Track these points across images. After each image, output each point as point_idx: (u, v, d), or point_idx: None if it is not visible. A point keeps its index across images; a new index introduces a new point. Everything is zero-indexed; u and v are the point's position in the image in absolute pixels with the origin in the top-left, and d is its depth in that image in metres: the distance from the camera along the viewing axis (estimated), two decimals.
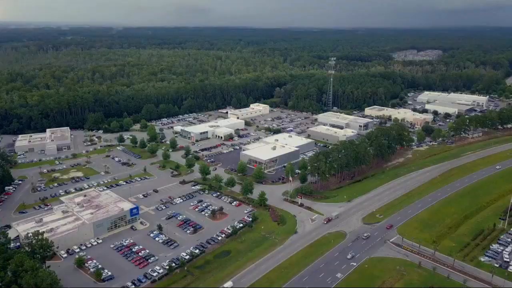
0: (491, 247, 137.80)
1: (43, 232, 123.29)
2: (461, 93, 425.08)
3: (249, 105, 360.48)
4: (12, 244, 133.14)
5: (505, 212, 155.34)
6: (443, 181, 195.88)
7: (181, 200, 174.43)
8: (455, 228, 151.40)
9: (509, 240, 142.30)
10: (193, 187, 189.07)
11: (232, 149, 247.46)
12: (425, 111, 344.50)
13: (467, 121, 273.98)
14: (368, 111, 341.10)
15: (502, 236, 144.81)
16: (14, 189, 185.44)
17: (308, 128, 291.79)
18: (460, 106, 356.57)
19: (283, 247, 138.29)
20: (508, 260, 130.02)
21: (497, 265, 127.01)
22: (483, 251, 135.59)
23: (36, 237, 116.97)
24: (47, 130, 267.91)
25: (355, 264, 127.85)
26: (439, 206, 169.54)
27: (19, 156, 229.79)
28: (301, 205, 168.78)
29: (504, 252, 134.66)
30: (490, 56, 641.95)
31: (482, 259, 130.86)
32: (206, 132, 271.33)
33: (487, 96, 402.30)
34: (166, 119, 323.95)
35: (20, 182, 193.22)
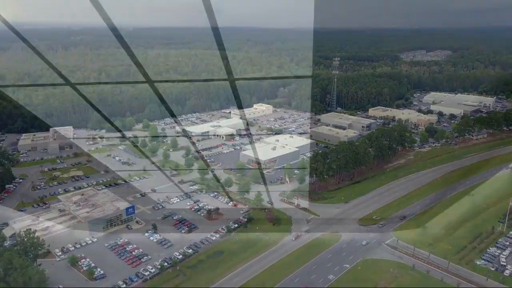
0: (488, 250, 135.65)
1: (35, 230, 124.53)
2: (468, 94, 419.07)
3: (252, 106, 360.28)
4: (8, 242, 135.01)
5: (504, 215, 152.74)
6: (443, 183, 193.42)
7: (178, 200, 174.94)
8: (453, 230, 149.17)
9: (507, 243, 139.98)
10: (191, 187, 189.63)
11: (233, 149, 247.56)
12: (430, 112, 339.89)
13: (472, 122, 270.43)
14: (372, 111, 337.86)
15: (500, 240, 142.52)
16: (14, 187, 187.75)
17: (310, 128, 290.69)
18: (466, 107, 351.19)
19: (276, 248, 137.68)
20: (504, 263, 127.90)
21: (493, 269, 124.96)
22: (479, 254, 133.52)
23: (28, 236, 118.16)
24: (51, 129, 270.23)
25: (348, 266, 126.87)
26: (438, 208, 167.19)
27: (22, 155, 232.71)
28: (298, 205, 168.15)
29: (501, 255, 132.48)
30: (500, 57, 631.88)
31: (478, 263, 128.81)
32: (208, 132, 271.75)
33: (494, 97, 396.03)
34: (169, 118, 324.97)
35: (21, 180, 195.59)
